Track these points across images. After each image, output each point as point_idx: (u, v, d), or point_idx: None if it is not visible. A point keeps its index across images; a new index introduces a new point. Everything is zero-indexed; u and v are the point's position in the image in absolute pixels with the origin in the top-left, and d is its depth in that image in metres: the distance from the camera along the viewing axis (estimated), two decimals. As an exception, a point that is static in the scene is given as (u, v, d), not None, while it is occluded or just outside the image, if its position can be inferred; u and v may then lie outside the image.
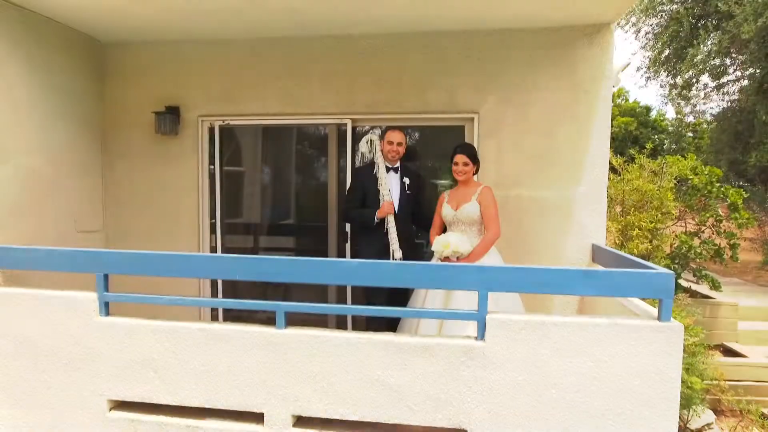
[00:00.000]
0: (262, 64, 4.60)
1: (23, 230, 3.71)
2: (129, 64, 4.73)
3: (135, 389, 3.15)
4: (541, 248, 4.24)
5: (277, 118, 4.69)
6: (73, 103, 4.34)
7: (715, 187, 5.28)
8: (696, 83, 8.67)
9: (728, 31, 7.11)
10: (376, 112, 4.52)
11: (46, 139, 4.03)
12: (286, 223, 5.01)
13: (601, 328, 2.68)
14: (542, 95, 4.26)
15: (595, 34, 4.09)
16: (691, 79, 8.61)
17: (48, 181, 4.03)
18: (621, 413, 2.69)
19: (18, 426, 3.33)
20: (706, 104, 10.16)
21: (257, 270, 3.11)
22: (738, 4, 7.16)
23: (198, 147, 4.68)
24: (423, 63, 4.43)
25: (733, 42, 7.54)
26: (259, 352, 2.99)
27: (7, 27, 3.60)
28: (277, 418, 2.99)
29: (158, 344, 3.10)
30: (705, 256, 5.26)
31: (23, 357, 3.26)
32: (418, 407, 2.87)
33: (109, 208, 4.77)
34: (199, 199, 4.74)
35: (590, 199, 4.20)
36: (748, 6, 7.02)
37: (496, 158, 4.39)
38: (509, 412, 2.77)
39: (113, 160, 4.76)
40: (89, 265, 3.19)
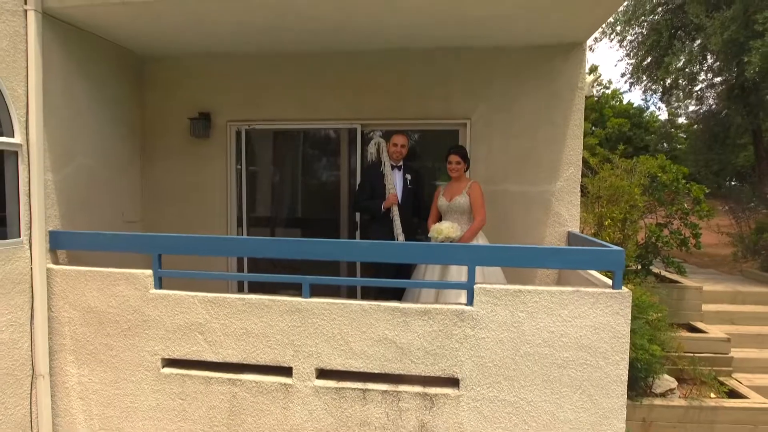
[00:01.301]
0: (282, 75, 5.09)
1: (85, 220, 4.25)
2: (165, 76, 5.23)
3: (184, 349, 3.71)
4: (524, 235, 4.77)
5: (295, 122, 5.22)
6: (119, 111, 4.87)
7: (681, 184, 5.86)
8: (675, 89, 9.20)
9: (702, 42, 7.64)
10: (381, 117, 5.02)
11: (99, 142, 4.56)
12: (302, 216, 5.58)
13: (566, 295, 3.26)
14: (525, 103, 4.77)
15: (569, 51, 4.63)
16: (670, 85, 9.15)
17: (101, 179, 4.58)
18: (582, 363, 3.26)
19: (84, 383, 3.89)
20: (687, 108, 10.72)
21: (291, 250, 3.66)
22: (708, 17, 7.71)
23: (226, 148, 5.23)
24: (423, 75, 4.91)
25: (704, 52, 8.10)
26: (288, 317, 3.56)
27: (72, 47, 4.13)
28: (303, 371, 3.56)
29: (204, 312, 3.67)
30: (672, 244, 5.84)
31: (89, 324, 3.82)
32: (419, 361, 3.44)
33: (147, 201, 5.31)
34: (227, 195, 5.28)
35: (566, 193, 4.74)
36: (716, 20, 7.59)
37: (485, 158, 4.92)
38: (493, 364, 3.34)
39: (152, 160, 5.29)
40: (148, 246, 3.76)
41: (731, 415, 4.53)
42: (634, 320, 4.70)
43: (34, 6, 3.61)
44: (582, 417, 3.27)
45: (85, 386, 3.84)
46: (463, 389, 3.36)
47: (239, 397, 3.63)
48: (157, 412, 3.74)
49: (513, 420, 3.33)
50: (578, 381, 3.25)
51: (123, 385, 3.79)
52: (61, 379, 3.86)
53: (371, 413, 3.48)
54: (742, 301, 6.39)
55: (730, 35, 7.25)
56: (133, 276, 3.70)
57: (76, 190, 4.19)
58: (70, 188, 4.11)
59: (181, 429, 3.73)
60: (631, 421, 4.60)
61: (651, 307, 4.83)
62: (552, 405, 3.29)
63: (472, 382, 3.35)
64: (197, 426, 3.71)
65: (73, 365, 3.85)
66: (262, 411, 3.60)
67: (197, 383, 3.68)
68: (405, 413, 3.44)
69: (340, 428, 3.53)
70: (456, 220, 4.16)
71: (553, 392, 3.28)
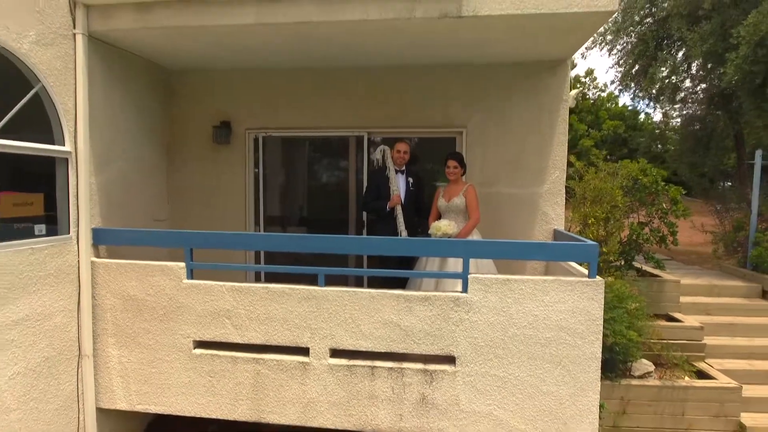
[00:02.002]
0: (296, 87, 5.49)
1: (121, 218, 4.67)
2: (190, 88, 5.63)
3: (213, 332, 4.14)
4: (514, 232, 5.17)
5: (307, 130, 5.63)
6: (149, 120, 5.28)
7: (660, 186, 6.29)
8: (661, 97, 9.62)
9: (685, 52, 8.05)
10: (386, 126, 5.42)
11: (132, 149, 4.98)
12: (314, 215, 6.01)
13: (548, 283, 3.70)
14: (515, 114, 5.18)
15: (555, 67, 5.05)
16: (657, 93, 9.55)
17: (133, 182, 5.00)
18: (562, 342, 3.70)
19: (123, 362, 4.31)
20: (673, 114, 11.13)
21: (311, 244, 4.11)
22: (689, 30, 8.13)
23: (245, 154, 5.65)
24: (423, 88, 5.31)
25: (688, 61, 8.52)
26: (305, 304, 3.99)
27: (111, 63, 4.55)
28: (318, 351, 3.99)
29: (231, 299, 4.10)
30: (652, 241, 6.27)
31: (129, 311, 4.24)
32: (420, 341, 3.87)
33: (173, 202, 5.73)
34: (246, 196, 5.70)
35: (552, 194, 5.16)
36: (696, 33, 8.03)
37: (480, 163, 5.34)
38: (484, 343, 3.78)
39: (177, 164, 5.69)
40: (181, 241, 4.18)
41: (700, 394, 4.96)
42: (614, 309, 5.13)
43: (82, 30, 4.04)
44: (562, 389, 3.71)
45: (125, 366, 4.26)
46: (459, 366, 3.79)
47: (262, 374, 4.06)
48: (189, 388, 4.18)
49: (502, 393, 3.77)
50: (558, 358, 3.69)
51: (158, 364, 4.22)
52: (103, 359, 4.28)
53: (378, 387, 3.91)
54: (718, 294, 6.82)
55: (709, 47, 7.69)
56: (168, 268, 4.13)
57: (114, 191, 4.61)
58: (109, 190, 4.53)
59: (211, 403, 4.17)
60: (611, 399, 5.04)
61: (630, 298, 5.26)
62: (536, 379, 3.72)
63: (467, 360, 3.78)
64: (225, 400, 4.15)
65: (114, 347, 4.28)
66: (283, 386, 4.04)
67: (225, 362, 4.11)
68: (408, 387, 3.88)
69: (351, 401, 3.97)
70: (453, 218, 4.59)
71: (536, 368, 3.71)
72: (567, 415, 3.72)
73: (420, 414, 3.87)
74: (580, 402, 3.71)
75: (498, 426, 3.79)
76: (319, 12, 3.84)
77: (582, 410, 3.71)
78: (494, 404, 3.77)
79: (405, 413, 3.89)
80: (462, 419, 3.82)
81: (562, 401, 3.71)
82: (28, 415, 3.69)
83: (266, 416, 4.08)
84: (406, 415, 3.89)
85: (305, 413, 4.02)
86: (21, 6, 3.52)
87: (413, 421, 3.89)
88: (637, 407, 4.98)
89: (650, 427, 4.96)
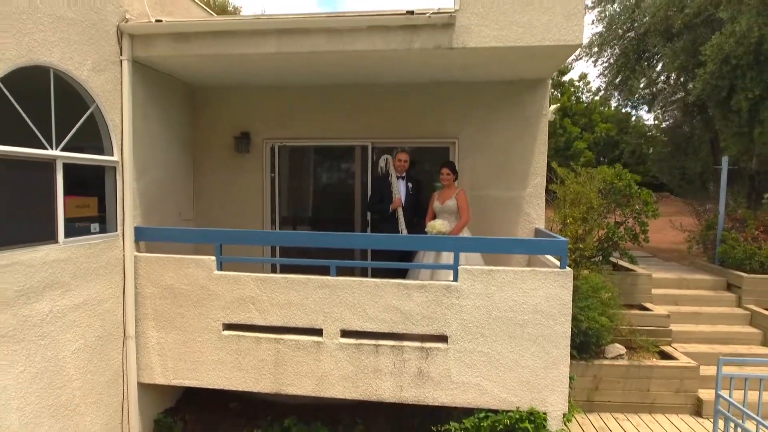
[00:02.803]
0: (308, 102, 6.03)
1: (156, 218, 5.25)
2: (214, 103, 6.17)
3: (239, 316, 4.70)
4: (501, 230, 5.72)
5: (318, 140, 6.19)
6: (178, 131, 5.84)
7: (633, 189, 6.87)
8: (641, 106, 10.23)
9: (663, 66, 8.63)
10: (388, 137, 5.97)
11: (164, 157, 5.54)
12: (323, 216, 6.58)
13: (526, 273, 4.28)
14: (501, 126, 5.74)
15: (536, 85, 5.63)
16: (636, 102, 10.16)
17: (165, 186, 5.54)
18: (537, 323, 4.27)
19: (161, 343, 4.88)
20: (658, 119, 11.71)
21: (321, 241, 4.69)
22: (664, 46, 8.72)
23: (262, 161, 6.21)
24: (421, 103, 5.86)
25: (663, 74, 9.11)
26: (320, 291, 4.56)
27: (149, 83, 5.08)
28: (330, 331, 4.56)
29: (255, 287, 4.67)
30: (626, 239, 6.85)
31: (166, 298, 4.82)
32: (417, 323, 4.44)
33: (198, 204, 6.29)
34: (263, 198, 6.27)
35: (534, 197, 5.74)
36: (670, 49, 8.61)
37: (471, 169, 5.89)
38: (472, 324, 4.35)
39: (202, 170, 6.24)
40: (212, 238, 4.76)
41: (663, 373, 5.52)
42: (589, 298, 5.71)
43: (127, 56, 4.62)
44: (537, 363, 4.29)
45: (162, 345, 4.83)
46: (451, 344, 4.37)
47: (282, 352, 4.64)
48: (219, 365, 4.75)
49: (487, 366, 4.35)
50: (534, 336, 4.27)
51: (192, 344, 4.79)
52: (143, 340, 4.85)
53: (382, 363, 4.49)
54: (687, 287, 7.38)
55: (681, 63, 8.27)
56: (201, 261, 4.71)
57: (150, 195, 5.17)
58: (147, 194, 5.09)
59: (237, 377, 4.75)
60: (585, 377, 5.62)
61: (603, 289, 5.83)
62: (515, 354, 4.30)
63: (457, 338, 4.36)
64: (250, 374, 4.72)
65: (153, 329, 4.85)
66: (300, 362, 4.61)
67: (250, 342, 4.68)
68: (407, 362, 4.46)
69: (358, 375, 4.55)
70: (446, 218, 5.17)
71: (516, 345, 4.29)
72: (542, 384, 4.30)
73: (417, 385, 4.46)
74: (552, 374, 4.29)
75: (483, 394, 4.37)
76: (329, 43, 4.41)
77: (554, 381, 4.30)
78: (480, 376, 4.35)
79: (405, 385, 4.47)
80: (453, 389, 4.40)
81: (537, 373, 4.30)
82: (86, 385, 4.27)
83: (286, 388, 4.66)
84: (406, 386, 4.47)
85: (319, 385, 4.60)
86: (81, 38, 4.10)
87: (412, 391, 4.47)
88: (608, 384, 5.56)
89: (619, 402, 5.54)
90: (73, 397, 4.10)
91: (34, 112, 3.69)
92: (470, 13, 4.15)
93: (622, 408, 5.54)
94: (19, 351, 3.55)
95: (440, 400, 4.43)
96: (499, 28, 4.16)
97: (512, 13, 4.13)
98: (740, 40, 7.02)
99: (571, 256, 6.24)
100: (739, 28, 6.98)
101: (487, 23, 4.17)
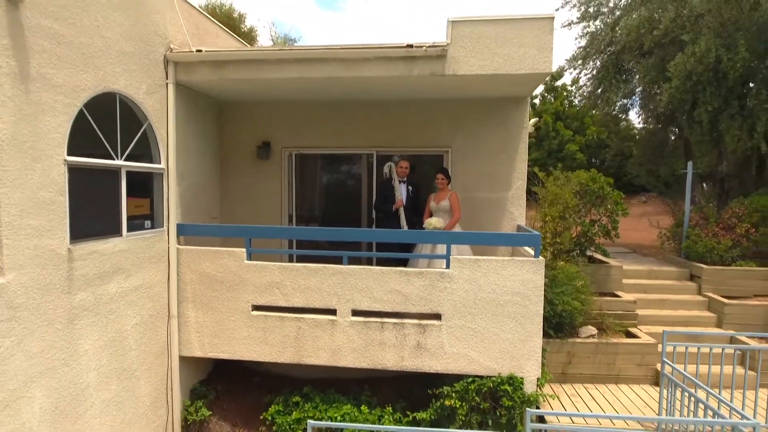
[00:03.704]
0: (321, 115, 6.76)
1: (192, 217, 6.00)
2: (239, 116, 6.91)
3: (266, 298, 5.44)
4: (488, 226, 6.43)
5: (330, 149, 6.94)
6: (208, 141, 6.59)
7: (606, 191, 7.62)
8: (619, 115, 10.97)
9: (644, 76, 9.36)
10: (390, 146, 6.71)
11: (197, 164, 6.28)
12: (334, 214, 7.34)
13: (506, 261, 5.04)
14: (488, 137, 6.48)
15: (518, 103, 6.38)
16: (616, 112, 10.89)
17: (198, 189, 6.28)
18: (515, 303, 5.01)
19: (199, 321, 5.62)
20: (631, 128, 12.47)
21: (332, 235, 5.45)
22: (637, 62, 9.49)
23: (281, 166, 6.97)
24: (419, 117, 6.59)
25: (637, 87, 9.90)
26: (334, 277, 5.31)
27: (187, 101, 5.82)
28: (343, 311, 5.30)
29: (279, 274, 5.41)
30: (599, 234, 7.60)
31: (203, 284, 5.56)
32: (416, 303, 5.18)
33: (225, 204, 7.05)
34: (281, 199, 7.02)
35: (516, 198, 6.50)
36: (642, 65, 9.38)
37: (462, 174, 6.64)
38: (461, 304, 5.11)
39: (228, 175, 7.01)
40: (243, 233, 5.51)
41: (627, 349, 6.27)
42: (564, 285, 6.45)
43: (172, 80, 5.35)
44: (515, 336, 5.04)
45: (200, 324, 5.58)
46: (444, 321, 5.12)
47: (302, 329, 5.38)
48: (248, 340, 5.50)
49: (474, 339, 5.10)
50: (513, 314, 5.02)
51: (225, 323, 5.53)
52: (184, 319, 5.60)
53: (386, 337, 5.24)
54: (655, 277, 8.13)
55: (651, 78, 9.03)
56: (234, 252, 5.46)
57: (187, 197, 5.89)
58: (185, 196, 5.81)
59: (264, 350, 5.49)
60: (560, 353, 6.36)
61: (576, 278, 6.59)
62: (497, 329, 5.05)
63: (449, 316, 5.11)
64: (274, 348, 5.47)
65: (192, 310, 5.59)
66: (317, 337, 5.36)
67: (275, 320, 5.42)
68: (407, 336, 5.21)
69: (366, 347, 5.30)
70: (441, 216, 5.92)
71: (497, 321, 5.05)
72: (519, 354, 5.06)
73: (416, 356, 5.20)
74: (528, 345, 5.05)
75: (471, 363, 5.12)
76: (342, 70, 5.14)
77: (530, 351, 5.05)
78: (468, 347, 5.11)
79: (405, 355, 5.22)
80: (446, 359, 5.16)
81: (515, 345, 5.05)
82: (141, 355, 5.02)
83: (305, 359, 5.41)
84: (406, 357, 5.22)
85: (333, 356, 5.35)
86: (138, 67, 4.85)
87: (411, 361, 5.22)
88: (580, 359, 6.31)
89: (589, 374, 6.29)
90: (132, 364, 4.85)
91: (105, 129, 4.45)
92: (459, 47, 4.91)
93: (591, 379, 6.29)
94: (96, 323, 4.30)
95: (435, 368, 5.18)
96: (483, 58, 4.92)
97: (494, 47, 4.89)
98: (700, 59, 7.78)
99: (550, 249, 7.00)
100: (699, 49, 7.76)
101: (473, 54, 4.93)
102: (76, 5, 3.95)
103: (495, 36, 4.86)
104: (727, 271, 7.64)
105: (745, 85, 8.35)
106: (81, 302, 4.09)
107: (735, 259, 7.89)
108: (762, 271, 7.57)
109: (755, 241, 7.98)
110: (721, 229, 8.23)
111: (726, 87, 8.14)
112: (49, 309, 3.74)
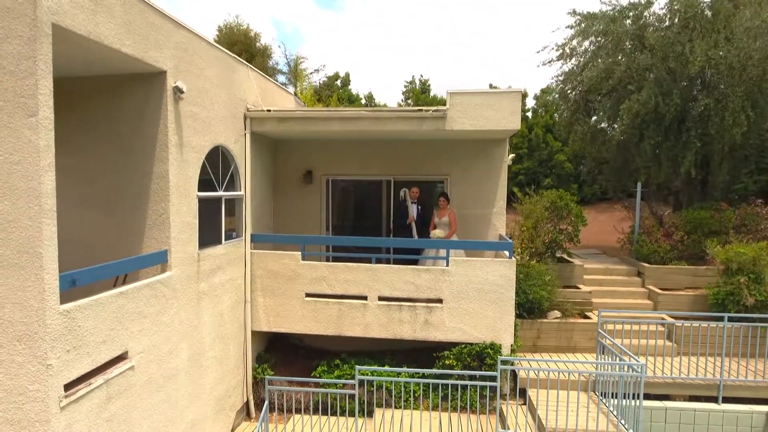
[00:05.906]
0: (352, 151, 8.37)
1: (257, 229, 7.73)
2: (288, 150, 8.63)
3: (315, 288, 7.12)
4: (477, 236, 8.11)
5: (357, 176, 8.62)
6: (267, 171, 8.28)
7: (571, 206, 9.29)
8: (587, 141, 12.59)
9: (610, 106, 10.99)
10: (404, 174, 8.37)
11: (261, 190, 7.96)
12: (360, 226, 9.04)
13: (489, 261, 6.72)
14: (477, 168, 8.20)
15: (500, 142, 8.09)
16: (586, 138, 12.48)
17: (261, 209, 8.03)
18: (495, 291, 6.69)
19: (266, 305, 7.31)
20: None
21: (362, 242, 7.17)
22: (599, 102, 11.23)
23: (320, 189, 8.69)
24: (426, 152, 8.22)
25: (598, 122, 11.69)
26: (365, 272, 6.99)
27: (257, 144, 7.53)
28: (372, 297, 6.97)
29: (325, 270, 7.10)
30: (564, 240, 9.27)
31: (269, 278, 7.25)
32: (424, 291, 6.88)
33: (277, 218, 8.73)
34: (320, 214, 8.73)
35: (498, 214, 8.20)
36: (601, 104, 11.13)
37: (458, 195, 8.31)
38: (457, 292, 6.80)
39: (279, 196, 8.69)
40: (299, 241, 7.22)
41: (582, 327, 7.90)
42: (535, 279, 8.12)
43: (248, 131, 7.03)
44: (495, 314, 6.71)
45: (267, 306, 7.27)
46: (444, 304, 6.79)
47: (342, 310, 7.05)
48: (302, 318, 7.18)
49: (466, 316, 6.79)
50: (494, 299, 6.70)
51: (285, 306, 7.22)
52: (255, 303, 7.28)
53: (403, 315, 6.92)
54: (610, 273, 9.77)
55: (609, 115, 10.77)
56: (292, 255, 7.15)
57: (255, 215, 7.60)
58: (254, 214, 7.50)
59: (314, 326, 7.15)
60: (531, 330, 8.02)
61: (545, 273, 8.26)
62: (483, 309, 6.73)
63: (448, 301, 6.79)
64: (321, 324, 7.14)
65: (261, 297, 7.29)
66: (353, 317, 7.04)
67: (322, 304, 7.10)
68: (418, 315, 6.90)
69: (389, 323, 6.96)
70: (443, 228, 7.62)
71: (483, 304, 6.73)
72: (498, 327, 6.74)
73: (424, 329, 6.89)
74: (504, 321, 6.73)
75: (464, 334, 6.80)
76: (372, 125, 6.81)
77: (506, 325, 6.73)
78: (462, 323, 6.79)
79: (417, 329, 6.90)
80: (446, 331, 6.83)
81: (495, 321, 6.74)
82: (231, 327, 6.72)
83: (344, 332, 7.07)
84: (417, 330, 6.90)
85: (365, 329, 7.02)
86: (230, 125, 6.55)
87: (421, 333, 6.89)
88: (546, 335, 7.97)
89: (553, 345, 7.94)
90: (227, 332, 6.55)
91: (213, 170, 6.17)
92: (455, 111, 6.62)
93: (555, 350, 7.94)
94: (208, 303, 6.01)
95: (438, 338, 6.85)
96: (472, 118, 6.63)
97: (480, 111, 6.59)
98: (643, 104, 9.48)
99: (525, 252, 8.70)
100: (641, 98, 9.48)
101: (465, 116, 6.64)
102: (202, 91, 5.67)
103: (481, 103, 6.57)
104: (664, 269, 9.30)
105: (681, 124, 10.08)
106: (202, 288, 5.79)
107: (672, 259, 9.56)
108: (691, 269, 9.23)
109: (687, 246, 9.66)
110: (662, 236, 9.91)
111: (664, 126, 9.87)
112: (188, 292, 5.45)
